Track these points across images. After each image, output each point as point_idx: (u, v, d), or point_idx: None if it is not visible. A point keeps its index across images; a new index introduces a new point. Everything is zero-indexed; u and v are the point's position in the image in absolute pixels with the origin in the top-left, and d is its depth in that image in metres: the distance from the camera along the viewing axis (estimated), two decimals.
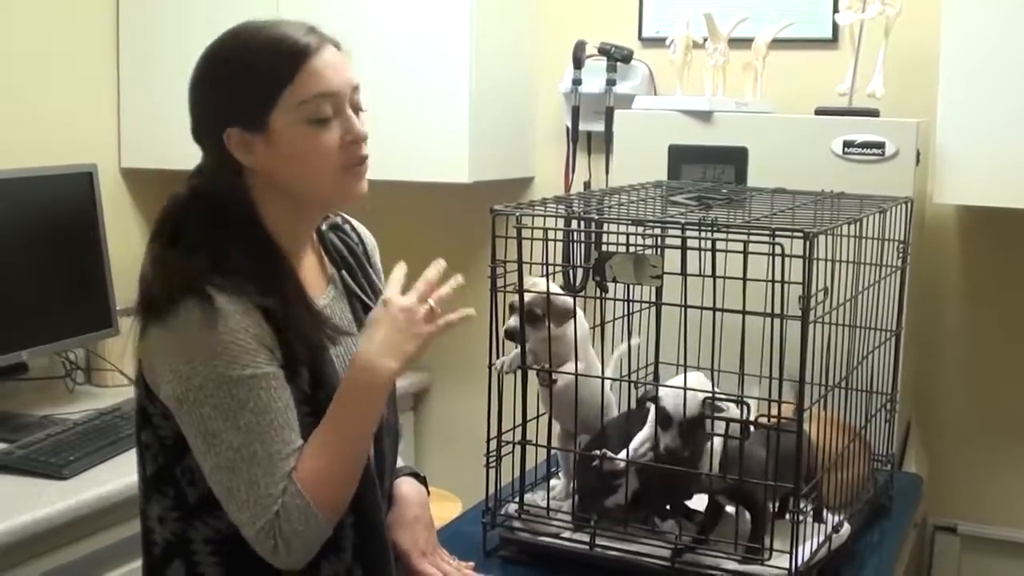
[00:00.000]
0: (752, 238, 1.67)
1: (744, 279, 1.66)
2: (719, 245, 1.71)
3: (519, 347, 1.90)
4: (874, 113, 2.75)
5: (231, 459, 1.50)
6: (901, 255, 2.16)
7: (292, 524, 1.51)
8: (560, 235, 1.91)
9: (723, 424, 1.73)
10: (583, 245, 2.53)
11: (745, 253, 1.67)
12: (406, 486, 1.81)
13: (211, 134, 1.60)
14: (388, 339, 1.58)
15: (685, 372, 1.82)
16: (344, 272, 1.76)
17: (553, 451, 2.02)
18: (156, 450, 1.61)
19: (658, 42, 3.19)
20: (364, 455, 1.60)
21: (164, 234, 1.60)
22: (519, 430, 1.90)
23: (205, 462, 1.53)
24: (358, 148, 1.60)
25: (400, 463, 1.85)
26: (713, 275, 1.70)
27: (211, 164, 1.62)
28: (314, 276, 1.70)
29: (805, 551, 1.74)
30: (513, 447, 1.91)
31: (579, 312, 1.93)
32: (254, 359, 1.51)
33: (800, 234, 1.63)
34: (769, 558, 1.72)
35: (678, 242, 1.79)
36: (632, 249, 1.84)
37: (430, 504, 1.82)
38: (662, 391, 1.79)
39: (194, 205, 1.60)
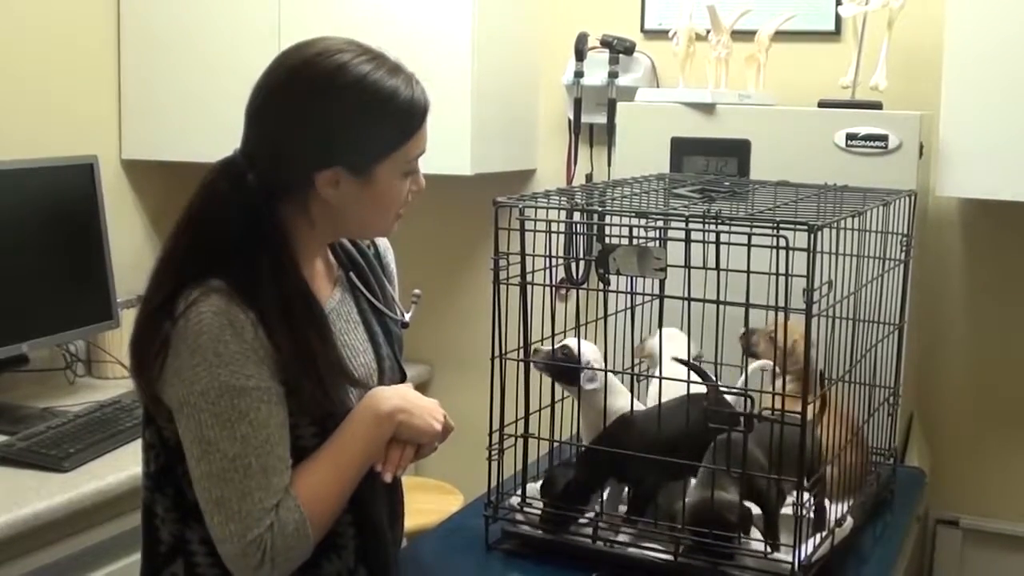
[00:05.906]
0: (756, 231, 1.67)
1: (748, 272, 1.65)
2: (723, 238, 1.70)
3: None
4: (877, 106, 2.74)
5: (224, 468, 1.50)
6: (904, 248, 2.15)
7: (286, 539, 1.51)
8: (563, 227, 1.90)
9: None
10: (586, 237, 2.52)
11: (749, 246, 1.66)
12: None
13: (303, 164, 1.57)
14: (406, 395, 1.65)
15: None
16: (351, 273, 1.77)
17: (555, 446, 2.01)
18: (159, 449, 1.62)
19: (661, 34, 3.19)
20: (355, 484, 1.61)
21: (189, 232, 1.58)
22: (521, 423, 1.90)
23: (196, 468, 1.52)
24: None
25: None
26: (717, 268, 1.70)
27: (278, 185, 1.58)
28: (322, 278, 1.71)
29: (808, 545, 1.73)
30: (515, 440, 1.91)
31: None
32: (258, 370, 1.51)
33: (804, 227, 1.63)
34: (772, 552, 1.71)
35: (681, 235, 1.78)
36: (635, 242, 1.83)
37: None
38: None
39: (231, 211, 1.56)
